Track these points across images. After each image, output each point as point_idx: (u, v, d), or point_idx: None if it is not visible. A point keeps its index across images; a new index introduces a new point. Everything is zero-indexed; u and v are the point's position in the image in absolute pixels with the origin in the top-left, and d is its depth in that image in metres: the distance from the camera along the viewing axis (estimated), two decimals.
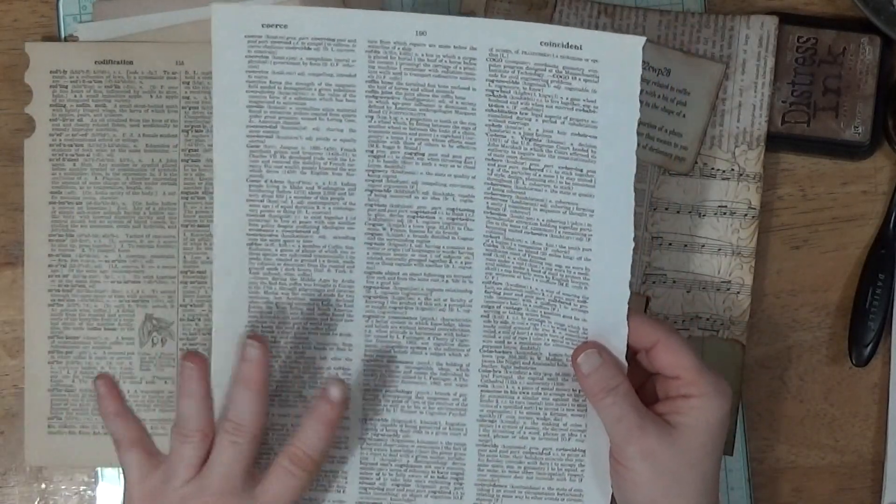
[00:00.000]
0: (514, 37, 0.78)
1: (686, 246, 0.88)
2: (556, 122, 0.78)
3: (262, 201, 0.80)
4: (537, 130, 0.79)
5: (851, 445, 0.89)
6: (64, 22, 0.89)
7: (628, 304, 0.78)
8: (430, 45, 0.79)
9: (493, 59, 0.78)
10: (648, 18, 0.89)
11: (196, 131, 0.89)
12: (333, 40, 0.79)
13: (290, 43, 0.79)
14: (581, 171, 0.78)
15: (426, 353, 0.82)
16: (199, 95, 0.88)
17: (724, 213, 0.88)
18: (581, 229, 0.79)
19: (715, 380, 0.77)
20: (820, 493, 0.80)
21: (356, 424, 0.82)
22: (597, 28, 0.88)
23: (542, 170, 0.79)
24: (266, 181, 0.80)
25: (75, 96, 0.88)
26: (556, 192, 0.79)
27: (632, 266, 0.79)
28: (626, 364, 0.79)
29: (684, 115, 0.88)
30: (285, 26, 0.79)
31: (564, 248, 0.79)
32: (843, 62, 0.87)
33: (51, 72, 0.88)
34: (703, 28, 0.88)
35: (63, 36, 0.89)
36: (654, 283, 0.88)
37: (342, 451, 0.82)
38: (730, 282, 0.88)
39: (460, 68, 0.79)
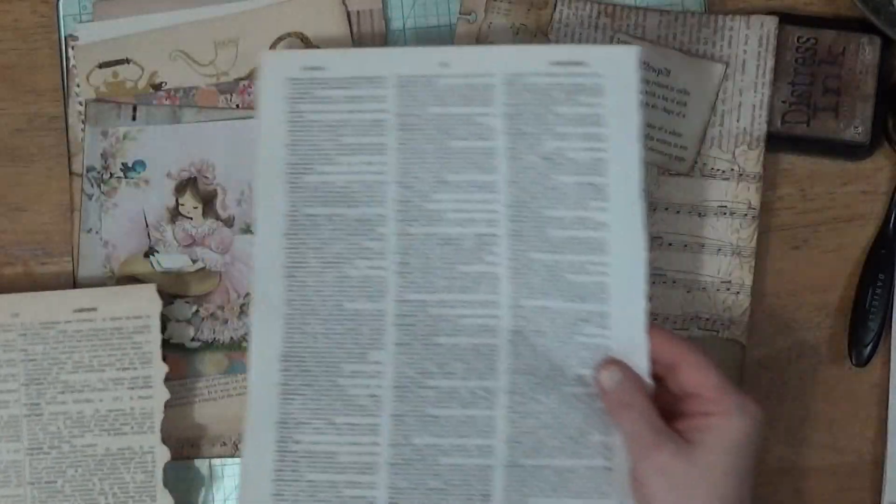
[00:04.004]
0: (527, 59, 0.82)
1: (686, 246, 0.88)
2: (567, 139, 0.81)
3: (297, 234, 0.83)
4: (551, 149, 0.81)
5: (851, 445, 0.89)
6: (64, 22, 0.89)
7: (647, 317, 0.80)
8: (451, 77, 0.82)
9: (510, 84, 0.81)
10: (648, 18, 0.89)
11: (37, 384, 0.84)
12: (366, 78, 0.83)
13: (327, 83, 0.83)
14: (594, 185, 0.80)
15: (455, 378, 0.82)
16: (37, 347, 0.84)
17: (724, 213, 0.88)
18: (597, 243, 0.80)
19: (740, 400, 0.77)
20: (820, 493, 0.80)
21: (386, 450, 0.82)
22: (596, 28, 0.89)
23: (558, 187, 0.81)
24: (303, 215, 0.83)
25: None
26: (571, 208, 0.81)
27: None
28: (650, 381, 0.79)
29: (684, 115, 0.88)
30: (323, 68, 0.83)
31: (582, 263, 0.80)
32: (843, 62, 0.87)
33: None
34: (703, 28, 0.88)
35: (63, 36, 0.89)
36: (653, 283, 0.88)
37: (371, 477, 0.82)
38: (730, 282, 0.88)
39: (479, 95, 0.82)
